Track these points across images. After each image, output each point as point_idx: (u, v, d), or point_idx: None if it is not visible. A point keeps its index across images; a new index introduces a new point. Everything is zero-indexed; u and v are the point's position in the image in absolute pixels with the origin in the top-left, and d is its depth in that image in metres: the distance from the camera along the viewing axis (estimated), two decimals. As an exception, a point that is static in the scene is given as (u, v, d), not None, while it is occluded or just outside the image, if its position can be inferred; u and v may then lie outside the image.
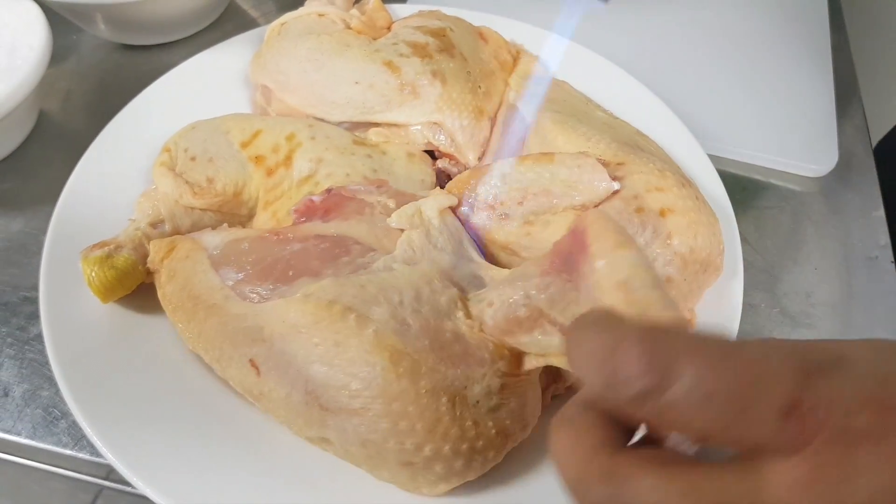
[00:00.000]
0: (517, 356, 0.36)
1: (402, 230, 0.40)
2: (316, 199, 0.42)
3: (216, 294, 0.38)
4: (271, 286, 0.37)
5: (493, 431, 0.35)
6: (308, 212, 0.42)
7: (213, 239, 0.41)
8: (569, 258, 0.32)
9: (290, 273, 0.38)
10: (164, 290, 0.41)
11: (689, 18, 0.73)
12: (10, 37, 0.55)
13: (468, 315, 0.36)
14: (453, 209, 0.43)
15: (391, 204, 0.42)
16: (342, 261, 0.38)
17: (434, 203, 0.41)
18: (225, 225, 0.45)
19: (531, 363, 0.36)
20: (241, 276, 0.38)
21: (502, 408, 0.35)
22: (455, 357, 0.35)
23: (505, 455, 0.36)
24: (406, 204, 0.41)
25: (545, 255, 0.34)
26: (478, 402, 0.34)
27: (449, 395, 0.34)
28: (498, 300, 0.35)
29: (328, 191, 0.42)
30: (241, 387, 0.38)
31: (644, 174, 0.42)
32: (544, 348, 0.34)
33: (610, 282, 0.27)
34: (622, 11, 0.73)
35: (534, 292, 0.33)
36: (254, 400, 0.37)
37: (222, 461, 0.37)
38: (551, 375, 0.40)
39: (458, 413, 0.34)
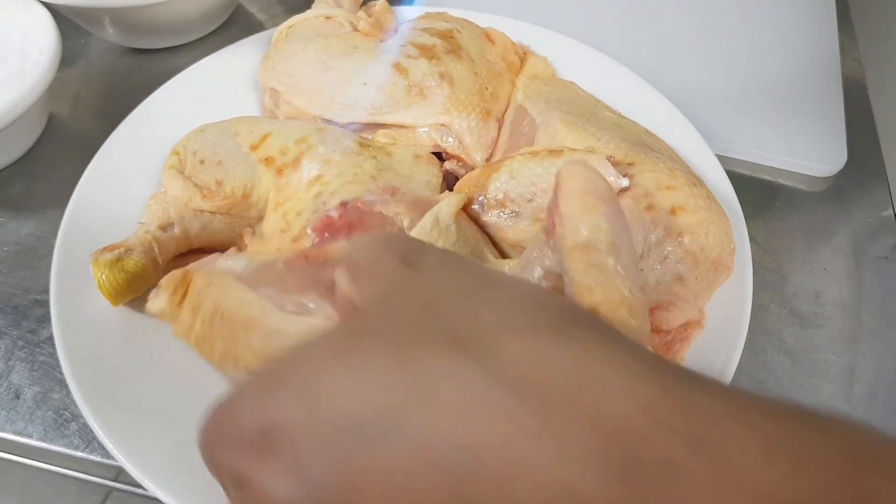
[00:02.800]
0: None
1: None
2: (333, 214, 0.40)
3: (256, 308, 0.34)
4: (316, 300, 0.34)
5: None
6: (327, 228, 0.40)
7: (236, 262, 0.37)
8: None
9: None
10: (193, 329, 0.36)
11: (698, 18, 0.73)
12: (20, 41, 0.55)
13: None
14: (465, 207, 0.43)
15: (406, 221, 0.40)
16: None
17: (448, 209, 0.40)
18: (233, 249, 0.42)
19: None
20: (281, 291, 0.34)
21: None
22: None
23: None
24: (421, 210, 0.40)
25: (542, 223, 0.34)
26: None
27: None
28: None
29: (343, 204, 0.41)
30: None
31: (654, 173, 0.42)
32: None
33: (572, 242, 0.29)
34: (630, 11, 0.73)
35: (548, 262, 0.33)
36: None
37: (233, 463, 0.37)
38: None
39: None
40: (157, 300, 0.38)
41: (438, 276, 0.25)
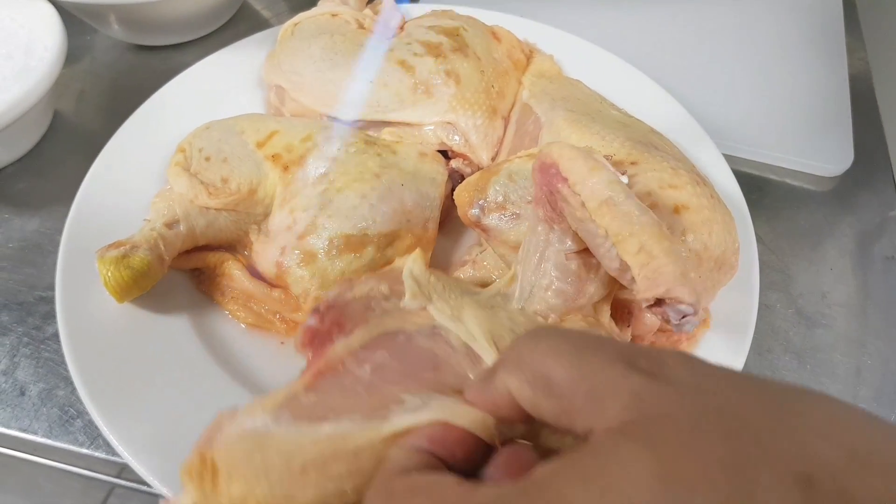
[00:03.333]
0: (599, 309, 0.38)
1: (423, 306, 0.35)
2: (313, 323, 0.34)
3: (346, 436, 0.28)
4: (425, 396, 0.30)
5: None
6: (316, 338, 0.34)
7: (255, 419, 0.29)
8: (552, 197, 0.33)
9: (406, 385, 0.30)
10: (257, 497, 0.27)
11: (705, 19, 0.72)
12: (26, 37, 0.55)
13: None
14: (470, 216, 0.43)
15: (383, 288, 0.36)
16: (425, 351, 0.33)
17: (418, 264, 0.37)
18: (237, 408, 0.30)
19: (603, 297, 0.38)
20: (363, 408, 0.29)
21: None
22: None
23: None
24: (390, 277, 0.37)
25: (535, 215, 0.36)
26: None
27: None
28: (546, 280, 0.36)
29: (316, 311, 0.35)
30: None
31: (657, 172, 0.42)
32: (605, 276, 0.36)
33: (595, 202, 0.31)
34: (637, 10, 0.73)
35: (561, 245, 0.34)
36: None
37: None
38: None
39: None
40: (185, 497, 0.28)
41: (715, 390, 0.20)
